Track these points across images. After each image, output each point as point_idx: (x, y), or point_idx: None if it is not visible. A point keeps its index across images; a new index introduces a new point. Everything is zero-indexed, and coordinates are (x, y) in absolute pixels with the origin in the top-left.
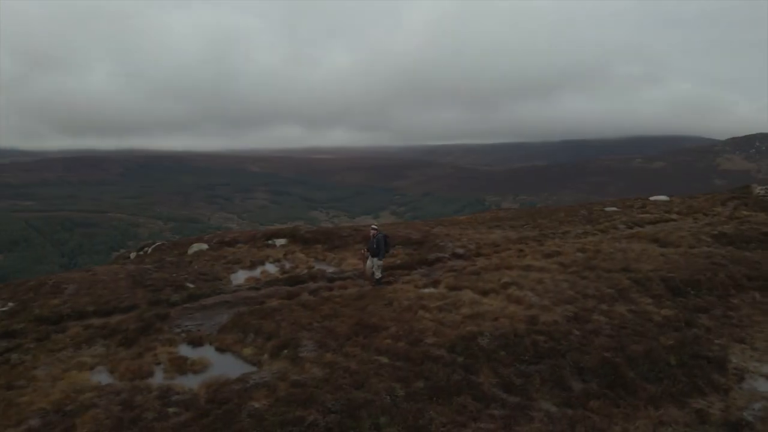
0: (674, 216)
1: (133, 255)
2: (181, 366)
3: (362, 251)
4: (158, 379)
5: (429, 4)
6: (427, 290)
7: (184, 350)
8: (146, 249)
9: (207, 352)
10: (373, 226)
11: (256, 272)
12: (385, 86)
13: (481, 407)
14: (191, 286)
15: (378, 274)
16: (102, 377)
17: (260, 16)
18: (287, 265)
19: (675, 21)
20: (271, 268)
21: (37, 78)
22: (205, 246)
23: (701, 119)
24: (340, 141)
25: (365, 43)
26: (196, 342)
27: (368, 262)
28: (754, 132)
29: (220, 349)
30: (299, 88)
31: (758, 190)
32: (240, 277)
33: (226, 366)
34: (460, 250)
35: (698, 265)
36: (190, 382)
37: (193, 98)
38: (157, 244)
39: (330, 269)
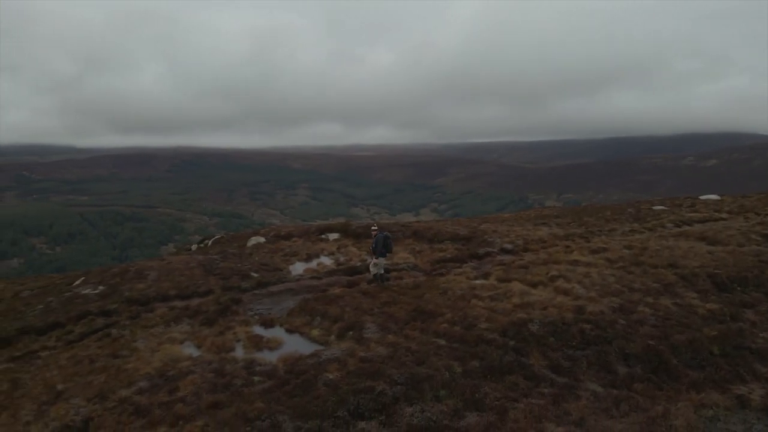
0: (724, 215)
1: (194, 247)
2: (257, 343)
3: (370, 250)
4: (239, 353)
5: None
6: (478, 281)
7: (258, 330)
8: (206, 242)
9: (278, 333)
10: (373, 227)
11: (313, 264)
12: (428, 83)
13: (531, 385)
14: (255, 275)
15: (373, 271)
16: (191, 350)
17: (305, 14)
18: (341, 258)
19: (736, 13)
20: (327, 260)
21: (91, 78)
22: (262, 239)
23: (760, 115)
24: (381, 138)
25: (409, 40)
26: (268, 323)
27: (373, 260)
28: None
29: (290, 330)
30: (342, 86)
31: None
32: (298, 268)
33: (296, 344)
34: (508, 246)
35: (746, 262)
36: (268, 357)
37: (238, 97)
38: (217, 237)
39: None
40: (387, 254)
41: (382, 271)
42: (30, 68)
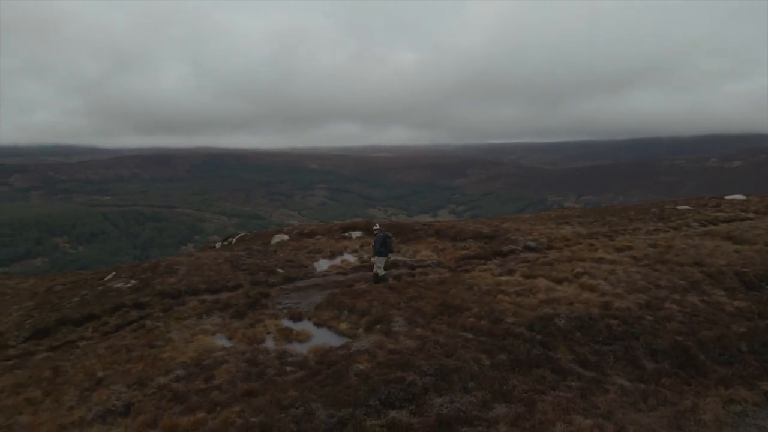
0: (751, 215)
1: (218, 245)
2: (287, 335)
3: (371, 249)
4: (270, 344)
5: None
6: (503, 277)
7: (287, 323)
8: (231, 239)
9: (307, 326)
10: (375, 226)
11: (337, 261)
12: (447, 84)
13: (558, 379)
14: (281, 271)
15: (379, 272)
16: (223, 341)
17: (327, 15)
18: (365, 256)
19: (764, 11)
20: (350, 258)
21: (114, 80)
22: (286, 237)
23: None
24: (399, 139)
25: (429, 41)
26: (296, 317)
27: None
28: None
29: (318, 324)
30: (361, 86)
31: None
32: (323, 265)
33: (325, 337)
34: (532, 244)
35: None
36: (299, 348)
37: (257, 98)
38: (241, 234)
39: (406, 259)
40: (387, 254)
41: (382, 271)
42: (57, 70)
